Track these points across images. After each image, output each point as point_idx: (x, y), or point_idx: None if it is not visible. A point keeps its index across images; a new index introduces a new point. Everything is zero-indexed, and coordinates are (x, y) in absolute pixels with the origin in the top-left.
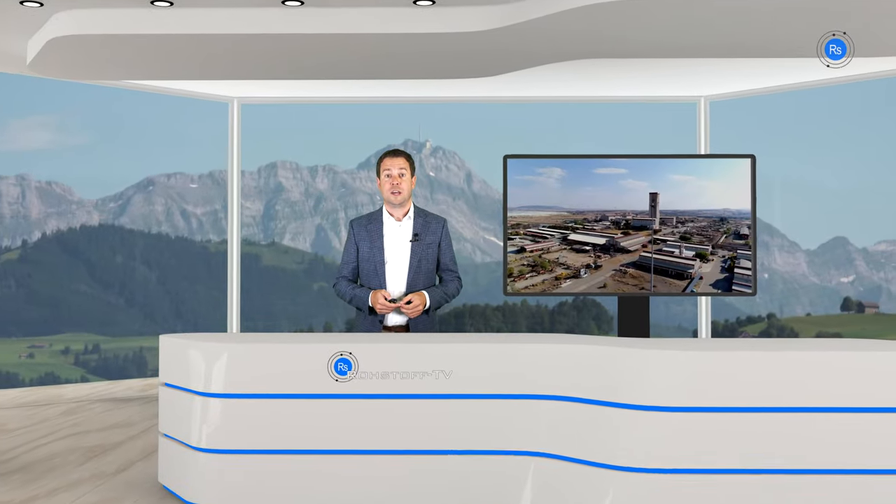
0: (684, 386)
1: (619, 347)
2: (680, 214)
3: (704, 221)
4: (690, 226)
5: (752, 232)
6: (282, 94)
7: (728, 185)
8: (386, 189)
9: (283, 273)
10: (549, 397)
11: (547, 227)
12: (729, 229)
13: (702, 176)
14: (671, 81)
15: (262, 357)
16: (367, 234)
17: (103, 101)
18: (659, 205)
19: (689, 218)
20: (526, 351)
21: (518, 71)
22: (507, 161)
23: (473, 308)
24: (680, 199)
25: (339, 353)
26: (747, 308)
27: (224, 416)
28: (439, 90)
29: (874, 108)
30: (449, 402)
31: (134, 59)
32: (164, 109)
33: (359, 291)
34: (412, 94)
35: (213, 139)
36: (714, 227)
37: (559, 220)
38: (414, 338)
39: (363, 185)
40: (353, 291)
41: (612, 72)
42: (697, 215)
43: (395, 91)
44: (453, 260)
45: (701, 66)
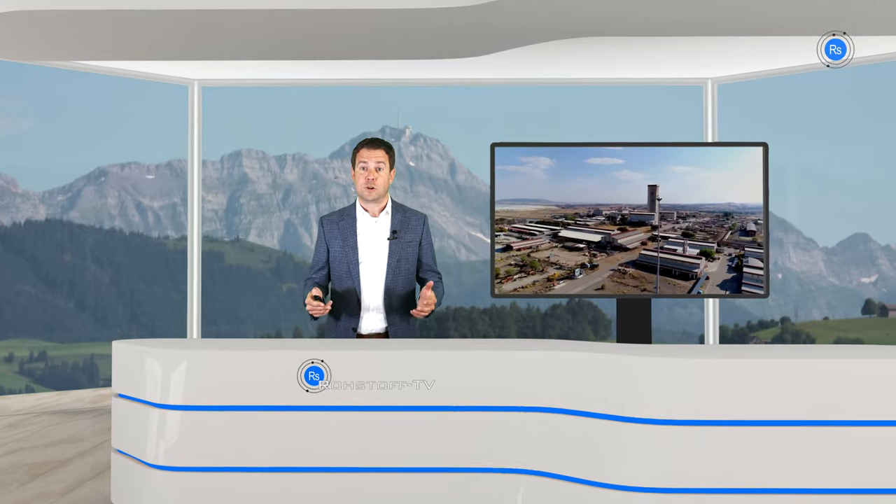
0: (690, 397)
1: (618, 355)
2: (681, 209)
3: (707, 216)
4: (692, 221)
5: (764, 228)
6: (247, 76)
7: (735, 177)
8: (360, 183)
9: (248, 273)
10: (541, 409)
11: (534, 223)
12: (734, 225)
13: (706, 167)
14: (675, 62)
15: (226, 365)
16: (340, 231)
17: (49, 83)
18: (658, 197)
19: (691, 213)
20: (516, 359)
21: (507, 51)
22: (495, 150)
23: (458, 311)
24: (680, 191)
25: (309, 360)
26: (759, 311)
27: (184, 431)
28: (421, 72)
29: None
30: (431, 415)
31: (84, 36)
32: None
33: (305, 293)
34: (390, 76)
35: (172, 125)
36: (718, 223)
37: (547, 214)
38: (392, 344)
39: (336, 175)
40: (303, 294)
41: (609, 51)
42: (700, 210)
43: (372, 73)
44: (434, 259)
45: (708, 45)
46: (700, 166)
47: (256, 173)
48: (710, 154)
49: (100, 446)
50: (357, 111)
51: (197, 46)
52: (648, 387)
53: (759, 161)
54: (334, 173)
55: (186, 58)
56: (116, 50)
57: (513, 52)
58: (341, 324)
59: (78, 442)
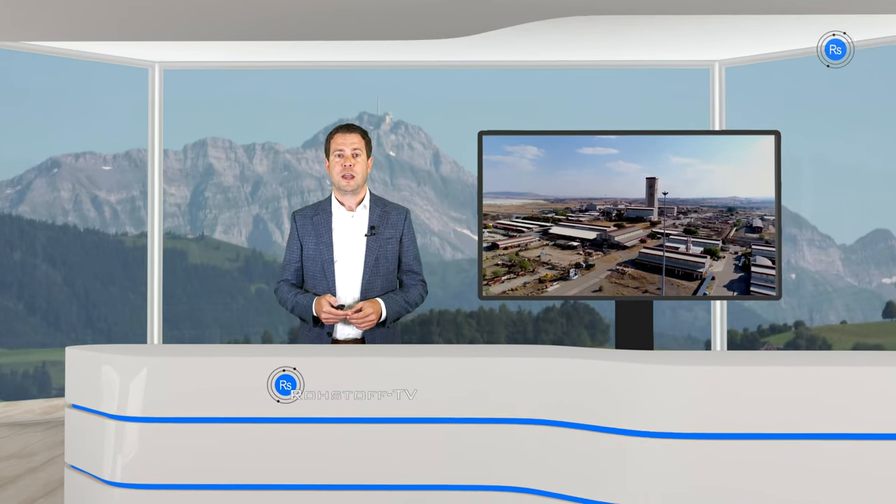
0: (695, 408)
1: (618, 362)
2: (681, 203)
3: (710, 212)
4: (694, 217)
5: (776, 224)
6: (213, 59)
7: (742, 169)
8: (336, 172)
9: (214, 272)
10: (533, 421)
11: (521, 219)
12: (739, 221)
13: (709, 157)
14: (679, 43)
15: (189, 373)
16: (314, 227)
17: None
18: (658, 192)
19: (692, 207)
20: (505, 366)
21: (497, 31)
22: (483, 138)
23: (442, 314)
24: (680, 184)
25: (281, 368)
26: (770, 315)
27: (143, 444)
28: (402, 53)
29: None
30: (413, 428)
31: (34, 15)
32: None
33: (302, 298)
34: (369, 59)
35: (131, 112)
36: (722, 219)
37: (534, 209)
38: (371, 350)
39: (310, 167)
40: (295, 298)
41: (608, 32)
42: (701, 204)
43: (349, 54)
44: (417, 259)
45: (715, 25)
46: (703, 157)
47: (223, 164)
48: (714, 143)
49: (52, 461)
50: (332, 97)
51: (158, 26)
52: (651, 397)
53: (770, 151)
54: (308, 163)
55: (147, 38)
56: (70, 30)
57: (503, 32)
58: (315, 328)
59: (28, 457)
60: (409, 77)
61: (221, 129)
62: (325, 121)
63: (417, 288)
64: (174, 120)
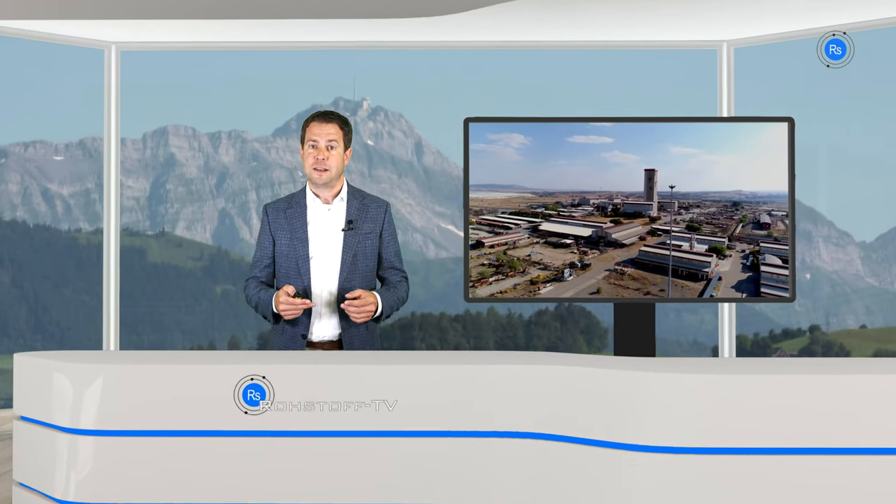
0: (702, 420)
1: (617, 370)
2: (682, 197)
3: (713, 207)
4: (696, 212)
5: (790, 219)
6: (174, 39)
7: (748, 159)
8: (308, 164)
9: (175, 272)
10: (524, 435)
11: (507, 214)
12: (746, 216)
13: (713, 147)
14: (683, 21)
15: (149, 382)
16: (287, 221)
17: None
18: (657, 185)
19: (695, 202)
20: (494, 374)
21: (485, 8)
22: (470, 126)
23: (425, 318)
24: (681, 177)
25: (248, 377)
26: (783, 318)
27: (98, 460)
28: (381, 33)
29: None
30: (393, 442)
31: None
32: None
33: (263, 294)
34: (344, 39)
35: (85, 97)
36: (727, 214)
37: (521, 203)
38: (347, 357)
39: (280, 156)
40: (257, 295)
41: (606, 9)
42: (703, 198)
43: (322, 34)
44: (398, 255)
45: (723, 1)
46: (707, 147)
47: (185, 154)
48: (720, 132)
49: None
50: (305, 81)
51: (114, 2)
52: (653, 408)
53: (782, 140)
54: (278, 153)
55: (102, 16)
56: (16, 6)
57: (491, 9)
58: (289, 329)
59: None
60: (388, 59)
61: (184, 115)
62: (298, 107)
63: (403, 284)
64: (132, 106)
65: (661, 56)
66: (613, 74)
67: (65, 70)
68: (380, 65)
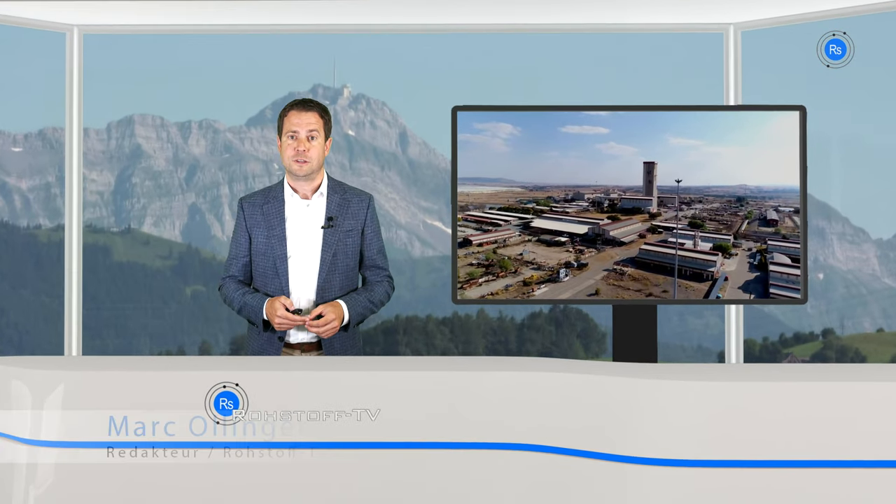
0: (708, 431)
1: (617, 377)
2: (683, 192)
3: (716, 202)
4: (699, 208)
5: (801, 216)
6: (141, 21)
7: (755, 151)
8: (287, 156)
9: (142, 272)
10: (516, 447)
11: (496, 210)
12: (751, 212)
13: (716, 138)
14: (686, 2)
15: (114, 390)
16: (264, 217)
17: None
18: (657, 178)
19: (696, 197)
20: (484, 382)
21: None
22: (458, 115)
23: (410, 321)
24: (682, 169)
25: (221, 384)
26: (795, 321)
27: (60, 473)
28: (363, 15)
29: None
30: (375, 454)
31: None
32: None
33: (251, 299)
34: (323, 22)
35: (45, 85)
36: (731, 210)
37: (510, 198)
38: (327, 363)
39: (255, 148)
40: (243, 298)
41: None
42: (706, 193)
43: (300, 17)
44: (382, 252)
45: None
46: (710, 138)
47: (153, 145)
48: (724, 121)
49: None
50: (282, 66)
51: None
52: (655, 418)
53: (792, 130)
54: (252, 144)
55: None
56: None
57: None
58: (266, 333)
59: None
60: (371, 44)
61: (151, 104)
62: (273, 95)
63: (382, 285)
64: (96, 94)
65: (662, 40)
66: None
67: (23, 55)
68: (362, 50)
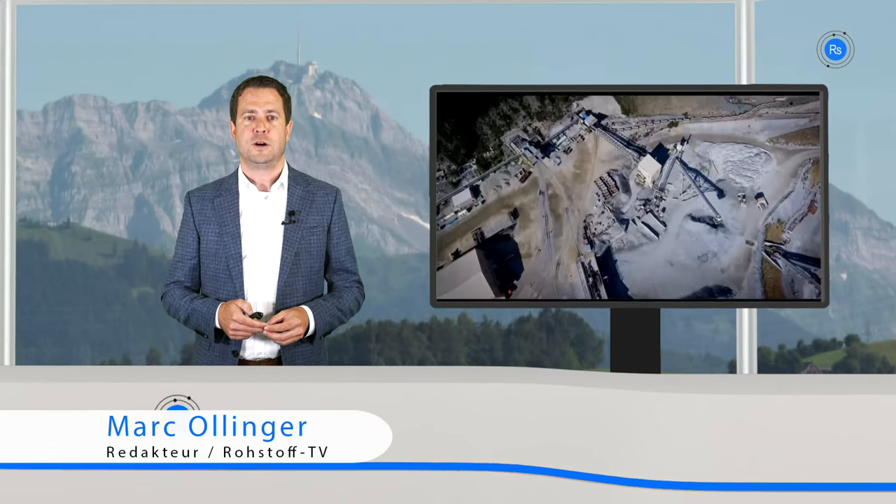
0: (717, 451)
1: (615, 389)
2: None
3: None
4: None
5: (822, 208)
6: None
7: (773, 135)
8: (244, 140)
9: (83, 272)
10: (502, 468)
11: None
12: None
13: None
14: None
15: (51, 404)
16: (215, 212)
17: None
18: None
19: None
20: (467, 394)
21: None
22: (437, 96)
23: (383, 326)
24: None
25: (171, 397)
26: (814, 327)
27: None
28: None
29: None
30: (346, 476)
31: None
32: None
33: (200, 304)
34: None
35: None
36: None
37: None
38: (290, 374)
39: (210, 132)
40: (191, 304)
41: None
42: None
43: None
44: (350, 253)
45: None
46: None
47: (95, 129)
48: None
49: None
50: (240, 42)
51: None
52: (658, 435)
53: (812, 112)
54: (207, 128)
55: None
56: None
57: None
58: (218, 346)
59: None
60: (339, 16)
61: (93, 83)
62: (230, 73)
63: (352, 291)
64: (31, 72)
65: (669, 11)
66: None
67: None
68: (329, 23)
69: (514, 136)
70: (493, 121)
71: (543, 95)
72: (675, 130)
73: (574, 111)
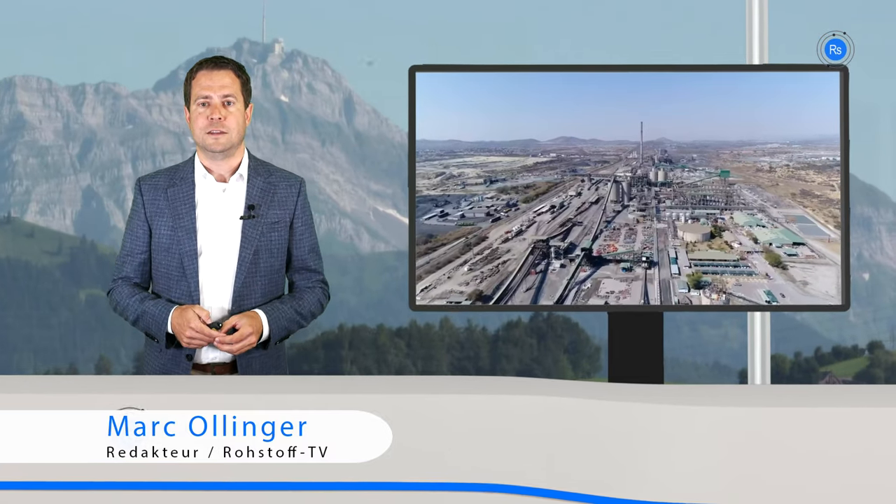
0: (726, 468)
1: (612, 401)
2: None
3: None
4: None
5: (842, 200)
6: None
7: (784, 120)
8: (199, 127)
9: (25, 271)
10: (489, 488)
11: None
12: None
13: (736, 103)
14: None
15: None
16: (168, 204)
17: None
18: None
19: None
20: (450, 408)
21: None
22: (417, 76)
23: (357, 332)
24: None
25: (122, 409)
26: (834, 333)
27: None
28: None
29: None
30: (315, 497)
31: None
32: None
33: (152, 306)
34: None
35: None
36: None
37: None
38: (248, 385)
39: (165, 117)
40: (141, 305)
41: None
42: None
43: None
44: (315, 250)
45: None
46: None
47: (38, 114)
48: (747, 83)
49: None
50: (198, 18)
51: None
52: (660, 451)
53: (832, 95)
54: (162, 112)
55: None
56: None
57: None
58: (170, 350)
59: None
60: None
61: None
62: (187, 52)
63: (315, 292)
64: None
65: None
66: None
67: None
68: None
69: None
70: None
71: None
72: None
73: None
